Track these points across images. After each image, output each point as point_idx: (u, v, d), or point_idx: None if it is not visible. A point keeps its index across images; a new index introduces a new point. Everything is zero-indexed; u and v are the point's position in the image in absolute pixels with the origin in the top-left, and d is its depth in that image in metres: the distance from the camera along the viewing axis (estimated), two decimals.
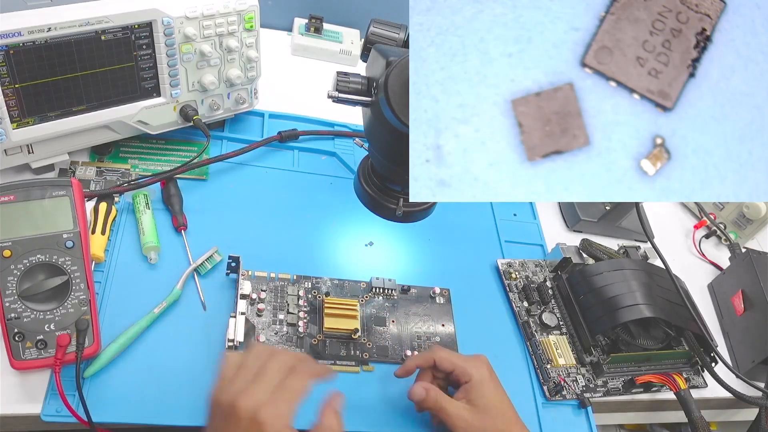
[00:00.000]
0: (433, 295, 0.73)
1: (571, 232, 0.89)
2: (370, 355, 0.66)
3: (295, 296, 0.67)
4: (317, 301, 0.68)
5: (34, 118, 0.63)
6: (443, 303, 0.73)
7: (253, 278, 0.67)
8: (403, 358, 0.67)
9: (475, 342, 0.71)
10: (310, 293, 0.68)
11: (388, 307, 0.71)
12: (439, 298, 0.73)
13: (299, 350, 0.64)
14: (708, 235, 0.96)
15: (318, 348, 0.65)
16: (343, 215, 0.78)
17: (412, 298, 0.72)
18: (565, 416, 0.68)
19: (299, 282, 0.69)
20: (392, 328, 0.69)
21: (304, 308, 0.67)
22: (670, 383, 0.71)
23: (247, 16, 0.71)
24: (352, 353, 0.66)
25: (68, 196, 0.59)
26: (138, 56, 0.67)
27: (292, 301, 0.67)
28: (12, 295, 0.54)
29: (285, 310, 0.66)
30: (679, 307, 0.72)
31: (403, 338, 0.69)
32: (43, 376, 0.56)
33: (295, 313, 0.66)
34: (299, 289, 0.68)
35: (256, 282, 0.67)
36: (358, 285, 0.71)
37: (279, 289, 0.68)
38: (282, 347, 0.64)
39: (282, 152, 0.83)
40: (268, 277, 0.68)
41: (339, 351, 0.65)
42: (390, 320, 0.70)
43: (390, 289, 0.71)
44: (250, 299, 0.65)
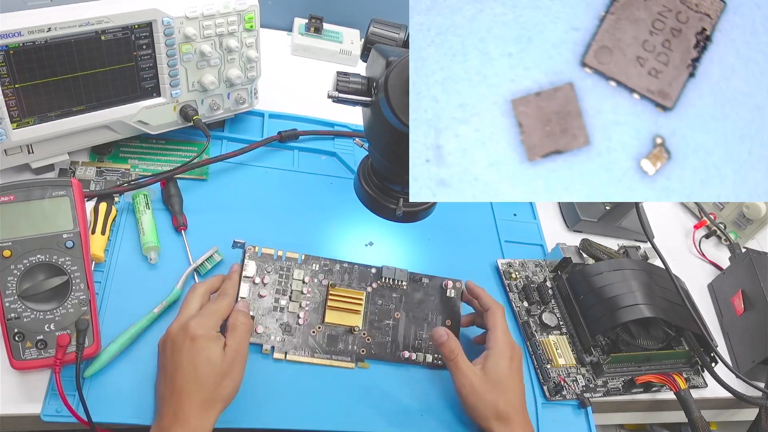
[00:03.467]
0: (444, 288, 0.71)
1: (571, 232, 0.89)
2: (367, 352, 0.66)
3: (300, 281, 0.66)
4: (322, 286, 0.67)
5: (34, 118, 0.63)
6: (453, 297, 0.71)
7: (258, 255, 0.66)
8: (401, 357, 0.67)
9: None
10: (317, 277, 0.67)
11: (395, 299, 0.69)
12: (450, 291, 0.71)
13: (295, 339, 0.64)
14: (708, 235, 0.96)
15: (316, 339, 0.64)
16: (343, 215, 0.78)
17: (422, 289, 0.70)
18: (565, 416, 0.68)
19: (307, 263, 0.67)
20: (396, 322, 0.68)
21: (308, 296, 0.66)
22: (670, 383, 0.71)
23: (247, 16, 0.71)
24: (350, 348, 0.65)
25: (68, 196, 0.59)
26: (138, 56, 0.67)
27: (296, 286, 0.65)
28: (12, 295, 0.54)
29: (288, 295, 0.65)
30: (679, 307, 0.72)
31: (405, 335, 0.68)
32: (43, 376, 0.56)
33: (298, 302, 0.65)
34: (305, 274, 0.66)
35: (261, 260, 0.65)
36: (368, 270, 0.70)
37: (285, 269, 0.66)
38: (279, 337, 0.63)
39: (282, 152, 0.83)
40: (275, 255, 0.66)
41: (336, 345, 0.65)
42: (395, 313, 0.68)
43: (399, 280, 0.69)
44: (253, 282, 0.64)
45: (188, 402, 0.51)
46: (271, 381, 0.62)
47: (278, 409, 0.60)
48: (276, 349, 0.63)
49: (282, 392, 0.61)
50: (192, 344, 0.53)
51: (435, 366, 0.68)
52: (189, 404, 0.51)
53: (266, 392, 0.61)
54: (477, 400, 0.59)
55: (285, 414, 0.60)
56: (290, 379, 0.62)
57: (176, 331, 0.54)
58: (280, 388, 0.61)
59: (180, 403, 0.51)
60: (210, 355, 0.53)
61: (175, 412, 0.51)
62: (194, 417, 0.51)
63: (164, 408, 0.52)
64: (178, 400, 0.51)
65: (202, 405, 0.51)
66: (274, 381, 0.62)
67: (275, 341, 0.63)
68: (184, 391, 0.51)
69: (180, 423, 0.50)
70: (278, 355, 0.63)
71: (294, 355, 0.63)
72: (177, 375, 0.52)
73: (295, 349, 0.64)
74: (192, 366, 0.52)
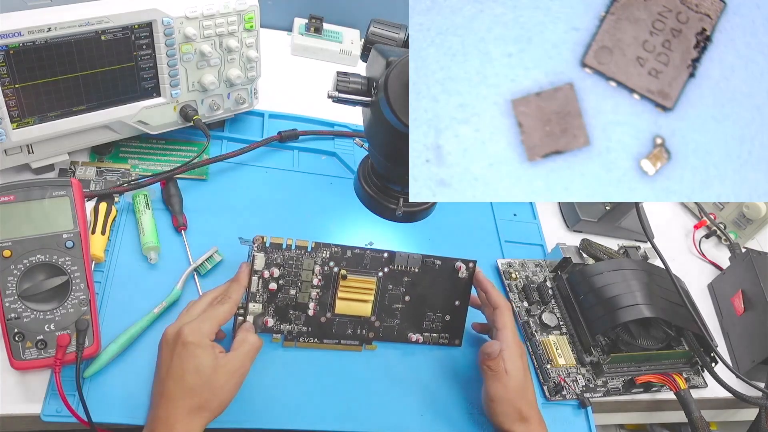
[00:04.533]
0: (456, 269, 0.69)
1: (571, 232, 0.89)
2: (375, 335, 0.66)
3: (309, 271, 0.64)
4: (333, 274, 0.65)
5: (34, 118, 0.63)
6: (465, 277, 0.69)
7: (267, 246, 0.63)
8: (409, 339, 0.67)
9: (475, 342, 0.71)
10: (327, 265, 0.65)
11: (406, 282, 0.67)
12: (462, 272, 0.69)
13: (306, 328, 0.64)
14: (708, 235, 0.96)
15: (325, 327, 0.65)
16: (343, 215, 0.78)
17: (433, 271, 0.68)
18: (565, 416, 0.68)
19: (317, 251, 0.64)
20: (405, 305, 0.67)
21: (318, 286, 0.64)
22: (670, 383, 0.71)
23: (247, 16, 0.71)
24: (359, 332, 0.66)
25: (68, 196, 0.59)
26: (138, 56, 0.67)
27: (306, 276, 0.64)
28: (12, 295, 0.54)
29: (298, 285, 0.64)
30: (679, 307, 0.72)
31: (415, 316, 0.67)
32: (43, 376, 0.56)
33: (307, 292, 0.64)
34: (315, 263, 0.64)
35: (270, 251, 0.63)
36: (380, 256, 0.66)
37: (294, 258, 0.63)
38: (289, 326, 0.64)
39: (282, 152, 0.83)
40: (284, 244, 0.63)
41: (345, 330, 0.65)
42: (405, 297, 0.67)
43: (412, 266, 0.67)
44: (262, 276, 0.62)
45: (174, 407, 0.51)
46: (279, 372, 0.62)
47: (284, 408, 0.60)
48: (285, 337, 0.64)
49: (289, 387, 0.62)
50: (183, 349, 0.52)
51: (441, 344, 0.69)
52: (175, 410, 0.51)
53: (273, 388, 0.61)
54: (507, 405, 0.59)
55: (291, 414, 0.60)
56: (298, 369, 0.63)
57: (171, 334, 0.54)
58: (287, 382, 0.62)
59: (167, 408, 0.51)
60: (199, 363, 0.52)
61: (162, 416, 0.51)
62: (179, 422, 0.50)
63: (153, 410, 0.52)
64: (166, 403, 0.51)
65: (188, 411, 0.51)
66: (282, 372, 0.62)
67: (284, 329, 0.63)
68: (172, 396, 0.51)
69: (167, 427, 0.50)
70: (288, 343, 0.64)
71: (303, 343, 0.64)
72: (167, 379, 0.52)
73: (305, 337, 0.64)
74: (180, 372, 0.52)
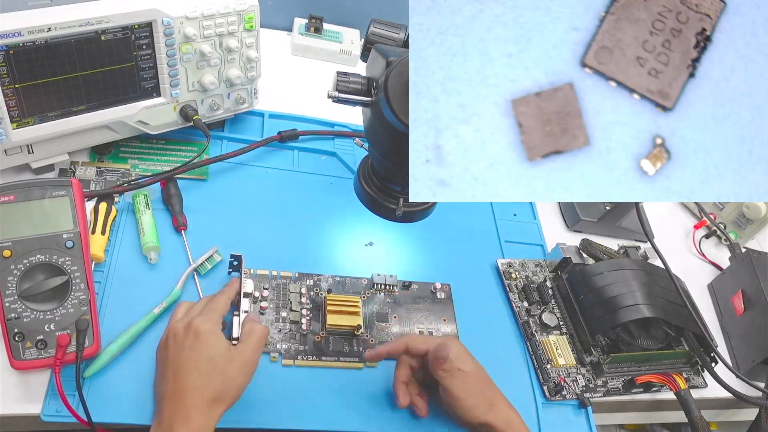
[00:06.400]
0: (434, 291, 0.73)
1: (571, 232, 0.89)
2: None
3: (297, 293, 0.68)
4: (319, 298, 0.68)
5: (34, 118, 0.63)
6: (444, 298, 0.73)
7: (254, 276, 0.67)
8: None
9: (475, 342, 0.70)
10: (312, 290, 0.69)
11: (389, 304, 0.71)
12: (440, 293, 0.73)
13: (302, 347, 0.64)
14: (708, 235, 0.96)
15: (321, 345, 0.65)
16: (343, 215, 0.78)
17: (413, 294, 0.73)
18: (565, 416, 0.68)
19: (301, 280, 0.69)
20: (394, 324, 0.69)
21: (307, 306, 0.67)
22: (670, 383, 0.71)
23: (247, 16, 0.71)
24: (355, 349, 0.66)
25: (68, 196, 0.59)
26: (138, 56, 0.67)
27: (294, 298, 0.67)
28: (12, 295, 0.54)
29: (287, 307, 0.66)
30: (679, 307, 0.72)
31: (406, 334, 0.69)
32: (43, 376, 0.56)
33: (298, 311, 0.66)
34: (301, 286, 0.68)
35: (257, 280, 0.67)
36: (359, 281, 0.72)
37: (281, 286, 0.68)
38: (286, 345, 0.64)
39: (282, 152, 0.83)
40: (270, 275, 0.68)
41: (342, 347, 0.65)
42: (392, 316, 0.70)
43: (391, 285, 0.71)
44: (253, 297, 0.65)
45: (190, 399, 0.50)
46: (280, 384, 0.62)
47: (286, 409, 0.60)
48: (284, 356, 0.63)
49: (290, 394, 0.61)
50: (196, 339, 0.52)
51: None
52: (191, 402, 0.50)
53: (274, 394, 0.61)
54: (475, 397, 0.58)
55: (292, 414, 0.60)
56: (299, 383, 0.62)
57: (180, 329, 0.54)
58: (288, 390, 0.62)
59: (182, 401, 0.50)
60: (214, 351, 0.52)
61: (177, 411, 0.50)
62: (197, 415, 0.50)
63: (165, 406, 0.51)
64: (180, 397, 0.50)
65: (205, 403, 0.50)
66: (283, 384, 0.62)
67: (282, 349, 0.63)
68: (187, 388, 0.50)
69: (182, 421, 0.49)
70: (287, 361, 0.63)
71: (302, 361, 0.63)
72: (179, 371, 0.51)
73: (304, 355, 0.64)
74: (195, 362, 0.51)
